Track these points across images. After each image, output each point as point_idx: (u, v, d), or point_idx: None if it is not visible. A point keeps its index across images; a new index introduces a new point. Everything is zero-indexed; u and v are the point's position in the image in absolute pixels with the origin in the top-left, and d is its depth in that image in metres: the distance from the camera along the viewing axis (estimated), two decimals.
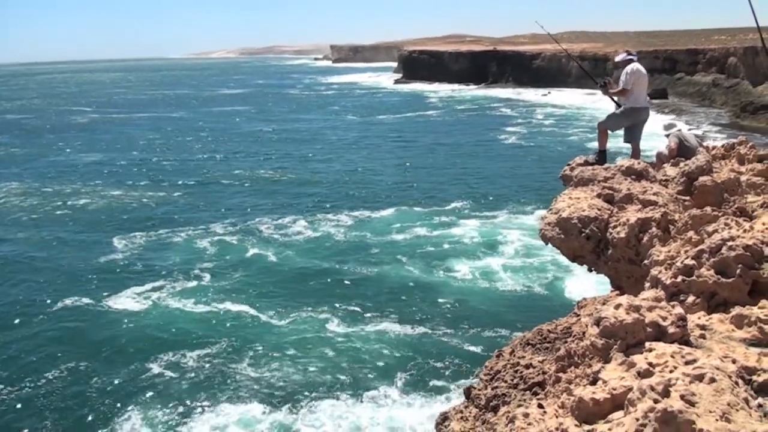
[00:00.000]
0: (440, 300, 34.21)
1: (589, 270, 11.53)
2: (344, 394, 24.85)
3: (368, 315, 32.13)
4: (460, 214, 51.21)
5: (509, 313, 31.97)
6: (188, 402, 24.48)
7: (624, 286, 10.83)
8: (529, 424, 7.03)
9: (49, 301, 33.96)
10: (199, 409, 23.97)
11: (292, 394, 24.99)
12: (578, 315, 12.31)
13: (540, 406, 7.41)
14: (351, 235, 46.51)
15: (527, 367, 11.62)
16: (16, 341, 29.38)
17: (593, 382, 7.43)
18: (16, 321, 31.49)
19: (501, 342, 27.85)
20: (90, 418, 23.53)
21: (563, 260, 36.19)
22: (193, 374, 26.36)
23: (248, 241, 45.18)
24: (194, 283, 36.76)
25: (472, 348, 28.37)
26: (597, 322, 7.73)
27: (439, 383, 25.28)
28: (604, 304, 12.96)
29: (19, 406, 24.21)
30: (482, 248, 42.77)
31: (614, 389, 6.75)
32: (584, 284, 34.41)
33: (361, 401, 24.47)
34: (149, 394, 25.08)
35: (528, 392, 11.11)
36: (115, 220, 51.40)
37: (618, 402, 6.65)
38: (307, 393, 24.97)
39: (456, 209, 52.73)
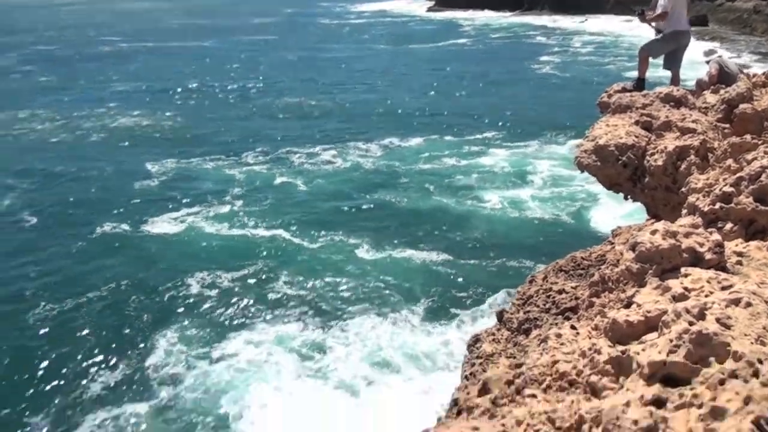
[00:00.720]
0: (468, 229, 34.38)
1: (626, 198, 11.52)
2: (371, 314, 25.46)
3: (396, 242, 32.45)
4: (491, 144, 50.87)
5: (536, 244, 32.06)
6: (224, 321, 25.26)
7: (660, 213, 10.81)
8: (562, 344, 7.16)
9: (87, 226, 34.72)
10: (235, 327, 24.73)
11: (322, 314, 25.68)
12: (612, 243, 12.33)
13: (573, 327, 7.53)
14: (380, 164, 46.54)
15: (560, 292, 11.76)
16: (56, 263, 30.20)
17: (627, 306, 7.54)
18: (55, 245, 32.29)
19: (525, 272, 28.04)
20: (128, 334, 24.36)
21: (592, 190, 36.28)
22: (228, 294, 27.11)
23: (278, 170, 45.43)
24: (227, 209, 37.27)
25: (497, 277, 28.64)
26: (633, 247, 7.78)
27: (458, 311, 25.67)
28: (639, 231, 13.00)
29: (59, 322, 25.07)
30: (512, 178, 42.63)
31: (648, 312, 6.84)
32: (612, 215, 34.37)
33: (386, 323, 25.02)
34: (186, 312, 25.88)
35: (560, 317, 11.27)
36: (148, 147, 51.87)
37: (652, 324, 6.74)
38: (336, 313, 25.65)
39: (486, 139, 52.35)
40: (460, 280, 28.48)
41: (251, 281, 28.22)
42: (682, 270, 7.38)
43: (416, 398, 20.20)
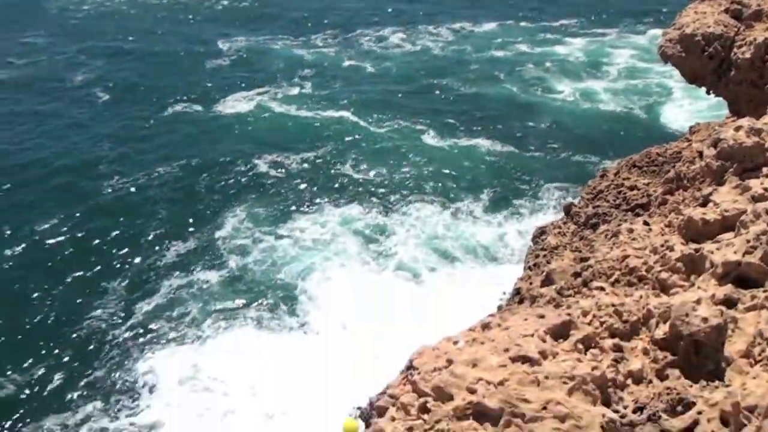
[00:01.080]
0: (536, 120, 33.67)
1: (708, 92, 11.04)
2: (433, 201, 25.60)
3: (462, 129, 32.12)
4: (567, 32, 48.98)
5: (605, 138, 31.28)
6: (290, 200, 25.78)
7: (743, 110, 10.37)
8: (633, 239, 7.11)
9: (158, 103, 35.28)
10: (301, 207, 25.26)
11: (386, 198, 25.97)
12: (689, 140, 11.94)
13: (645, 223, 7.45)
14: (450, 49, 45.45)
15: (631, 188, 11.54)
16: (128, 138, 30.93)
17: (703, 204, 7.36)
18: (127, 120, 32.97)
19: (589, 167, 27.63)
20: (198, 209, 25.14)
21: (668, 84, 34.82)
22: (295, 175, 27.56)
23: (346, 52, 44.87)
24: (296, 90, 37.26)
25: (561, 170, 28.18)
26: (714, 144, 7.53)
27: (519, 203, 25.52)
28: (721, 127, 12.53)
29: (132, 194, 25.97)
30: (586, 68, 41.24)
31: (726, 211, 6.67)
32: (685, 111, 33.28)
33: (446, 212, 25.15)
34: (253, 191, 26.47)
35: (630, 213, 11.11)
36: (218, 24, 51.52)
37: (728, 224, 6.60)
38: (399, 198, 25.89)
39: (563, 26, 50.37)
40: (524, 171, 28.16)
41: (318, 163, 28.51)
42: (764, 170, 7.14)
43: (474, 287, 20.46)
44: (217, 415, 17.02)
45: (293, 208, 25.35)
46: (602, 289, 6.19)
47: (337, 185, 26.78)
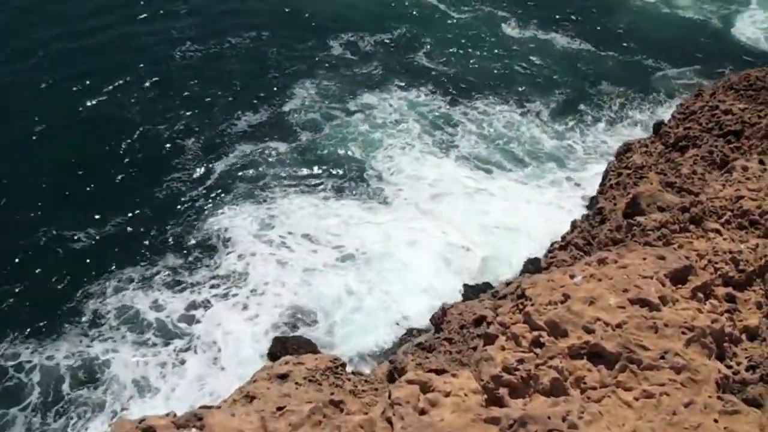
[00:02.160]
0: (613, 20, 32.15)
1: None
2: (503, 97, 24.97)
3: (540, 21, 30.79)
4: None
5: (679, 45, 29.73)
6: (361, 79, 25.16)
7: None
8: (748, 178, 6.76)
9: None
10: (371, 87, 24.68)
11: (456, 87, 25.31)
12: None
13: (761, 162, 7.06)
14: None
15: (726, 112, 10.98)
16: (199, 10, 30.16)
17: None
18: None
19: (657, 77, 26.51)
20: (269, 81, 24.74)
21: None
22: (368, 56, 26.82)
23: None
24: None
25: (633, 79, 27.01)
26: None
27: (588, 112, 24.68)
28: None
29: (204, 62, 25.53)
30: None
31: None
32: (757, 27, 31.65)
33: (515, 111, 24.54)
34: (325, 67, 25.90)
35: (721, 139, 10.63)
36: None
37: None
38: (469, 89, 25.22)
39: None
40: (596, 75, 27.08)
41: (391, 45, 27.68)
42: None
43: (534, 192, 20.28)
44: (296, 266, 17.79)
45: (363, 87, 24.88)
46: (718, 232, 5.93)
47: (408, 69, 26.06)
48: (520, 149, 22.53)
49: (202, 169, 20.74)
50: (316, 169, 21.15)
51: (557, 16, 31.10)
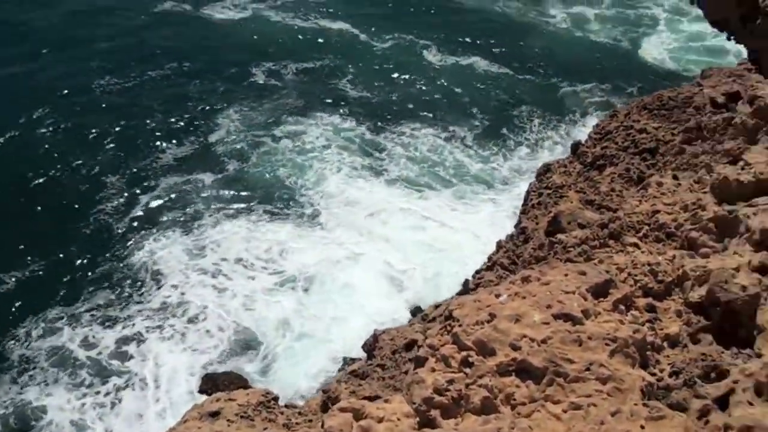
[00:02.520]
0: (531, 43, 33.35)
1: (728, 38, 10.78)
2: (426, 124, 25.53)
3: (461, 48, 31.66)
4: None
5: (592, 67, 31.17)
6: (287, 107, 25.65)
7: (765, 61, 10.16)
8: (663, 193, 7.00)
9: (152, 4, 33.77)
10: (297, 114, 25.27)
11: (382, 112, 25.93)
12: (701, 85, 11.76)
13: (675, 177, 7.33)
14: None
15: (641, 131, 11.38)
16: (116, 36, 29.85)
17: (733, 162, 7.25)
18: (115, 16, 31.67)
19: (571, 101, 27.59)
20: (193, 112, 24.86)
21: (656, 14, 34.72)
22: (292, 84, 27.22)
23: None
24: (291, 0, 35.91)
25: (550, 98, 28.10)
26: (751, 101, 7.39)
27: (510, 135, 25.47)
28: (730, 76, 12.34)
29: (124, 96, 25.42)
30: None
31: (761, 173, 6.58)
32: (665, 46, 33.40)
33: (440, 134, 25.14)
34: (249, 96, 26.20)
35: (637, 157, 10.99)
36: None
37: (763, 187, 6.51)
38: (395, 114, 25.88)
39: None
40: (516, 97, 28.02)
41: (315, 74, 28.10)
42: None
43: (465, 213, 20.72)
44: (234, 293, 17.68)
45: (288, 115, 25.31)
46: (636, 246, 6.11)
47: (333, 96, 26.57)
48: (447, 172, 23.04)
49: (128, 203, 20.55)
50: (245, 196, 21.25)
51: (477, 42, 31.97)
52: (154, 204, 20.81)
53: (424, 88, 28.03)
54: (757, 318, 5.37)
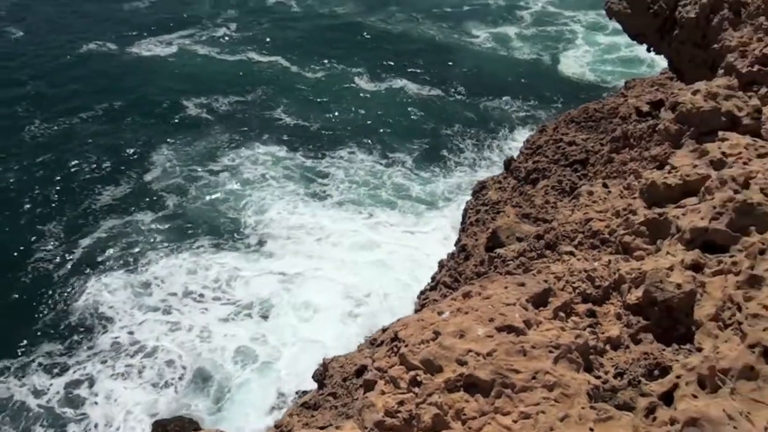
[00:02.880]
0: (458, 63, 34.11)
1: (648, 50, 11.18)
2: (364, 149, 25.80)
3: (392, 72, 32.08)
4: None
5: (516, 84, 32.05)
6: (222, 141, 25.67)
7: (684, 69, 10.56)
8: (594, 201, 7.17)
9: (75, 43, 33.32)
10: (234, 147, 25.20)
11: (316, 139, 26.07)
12: (625, 96, 12.14)
13: (605, 185, 7.51)
14: None
15: (570, 144, 11.66)
16: (46, 78, 29.33)
17: (660, 167, 7.48)
18: (44, 60, 31.12)
19: (501, 118, 28.27)
20: (127, 151, 24.54)
21: (573, 29, 36.21)
22: (224, 117, 27.18)
23: None
24: (220, 32, 35.82)
25: (482, 118, 28.70)
26: (673, 107, 7.63)
27: (446, 154, 25.89)
28: (653, 86, 12.78)
29: (56, 139, 24.92)
30: (502, 13, 41.71)
31: (687, 176, 6.79)
32: (584, 59, 34.61)
33: (378, 160, 25.34)
34: (183, 132, 26.03)
35: (569, 168, 11.25)
36: None
37: (689, 189, 6.72)
38: (332, 141, 26.05)
39: None
40: (449, 119, 28.51)
41: (248, 106, 28.13)
42: (720, 134, 7.29)
43: (413, 234, 20.89)
44: (186, 327, 17.42)
45: (224, 147, 25.30)
46: (572, 254, 6.24)
47: (269, 126, 26.72)
48: (390, 193, 23.27)
49: (68, 249, 20.21)
50: (188, 231, 21.08)
51: (407, 66, 32.53)
52: (95, 247, 20.48)
53: (359, 113, 28.32)
54: (695, 314, 5.53)
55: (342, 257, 19.96)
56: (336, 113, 28.05)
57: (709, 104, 7.27)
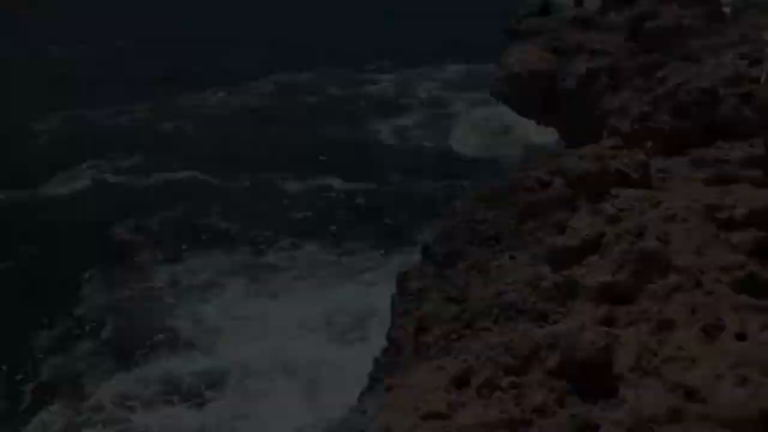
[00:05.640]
0: (366, 156, 35.20)
1: (538, 123, 11.69)
2: (298, 244, 25.97)
3: (318, 173, 32.65)
4: (381, 69, 51.01)
5: (420, 170, 33.08)
6: (156, 255, 25.18)
7: (573, 137, 11.07)
8: (505, 274, 7.32)
9: None
10: (170, 263, 24.66)
11: (254, 243, 26.06)
12: (526, 169, 12.55)
13: (512, 257, 7.69)
14: (270, 99, 45.78)
15: (481, 222, 11.92)
16: None
17: (561, 231, 7.72)
18: None
19: (400, 200, 29.33)
20: (57, 282, 23.71)
21: (466, 109, 38.31)
22: (151, 238, 26.70)
23: (160, 113, 43.12)
24: (127, 162, 35.19)
25: (403, 206, 29.33)
26: (562, 173, 7.97)
27: (376, 245, 26.11)
28: (550, 156, 13.27)
29: None
30: (397, 103, 43.53)
31: (586, 235, 7.05)
32: (474, 137, 36.34)
33: (311, 252, 25.70)
34: (112, 256, 25.37)
35: (484, 246, 11.45)
36: (26, 101, 47.98)
37: (590, 247, 6.96)
38: (266, 241, 26.12)
39: (375, 66, 52.12)
40: (375, 212, 29.00)
41: (178, 221, 27.90)
42: (612, 191, 7.63)
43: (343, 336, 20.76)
44: None
45: (162, 266, 24.71)
46: (488, 329, 6.31)
47: (202, 235, 26.46)
48: (336, 283, 23.70)
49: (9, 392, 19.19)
50: (135, 348, 20.67)
51: (325, 165, 33.54)
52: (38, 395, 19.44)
53: (289, 216, 28.73)
54: (614, 367, 5.64)
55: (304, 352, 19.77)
56: (268, 218, 28.62)
57: (596, 166, 7.63)
